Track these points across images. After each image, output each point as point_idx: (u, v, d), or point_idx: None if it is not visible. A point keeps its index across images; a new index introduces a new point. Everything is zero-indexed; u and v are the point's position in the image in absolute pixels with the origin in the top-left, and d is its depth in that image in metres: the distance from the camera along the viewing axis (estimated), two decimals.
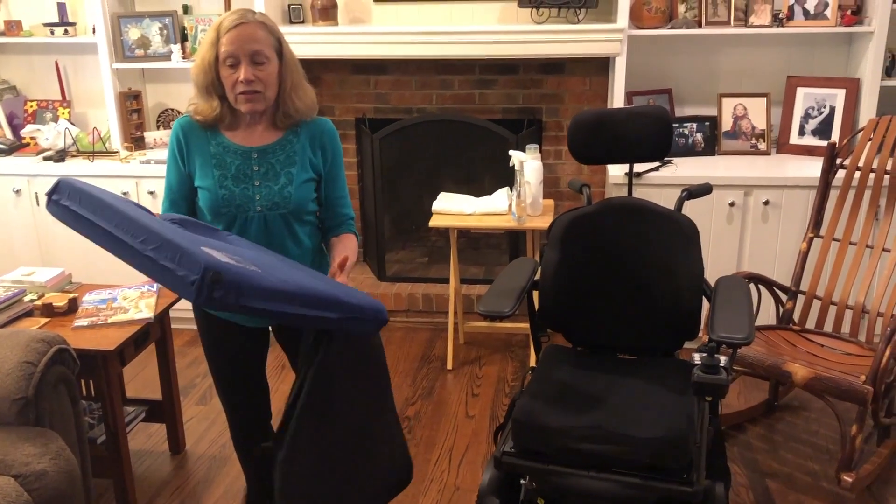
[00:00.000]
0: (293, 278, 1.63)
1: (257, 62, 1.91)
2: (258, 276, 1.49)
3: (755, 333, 2.19)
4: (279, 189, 2.01)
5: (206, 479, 2.79)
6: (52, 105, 4.16)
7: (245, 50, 1.89)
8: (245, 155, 2.00)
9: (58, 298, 2.65)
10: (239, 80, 1.90)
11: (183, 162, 2.03)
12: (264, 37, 1.92)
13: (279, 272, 1.63)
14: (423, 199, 3.95)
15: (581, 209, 2.36)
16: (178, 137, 2.03)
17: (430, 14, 3.85)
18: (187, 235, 1.58)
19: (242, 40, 1.89)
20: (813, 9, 3.51)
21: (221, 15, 1.97)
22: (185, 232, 1.65)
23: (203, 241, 1.62)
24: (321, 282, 1.74)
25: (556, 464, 1.95)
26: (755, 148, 3.73)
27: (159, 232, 1.47)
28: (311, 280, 1.69)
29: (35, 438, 2.03)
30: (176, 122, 2.05)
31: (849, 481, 2.52)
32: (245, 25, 1.90)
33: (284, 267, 1.75)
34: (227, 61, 1.90)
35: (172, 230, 1.54)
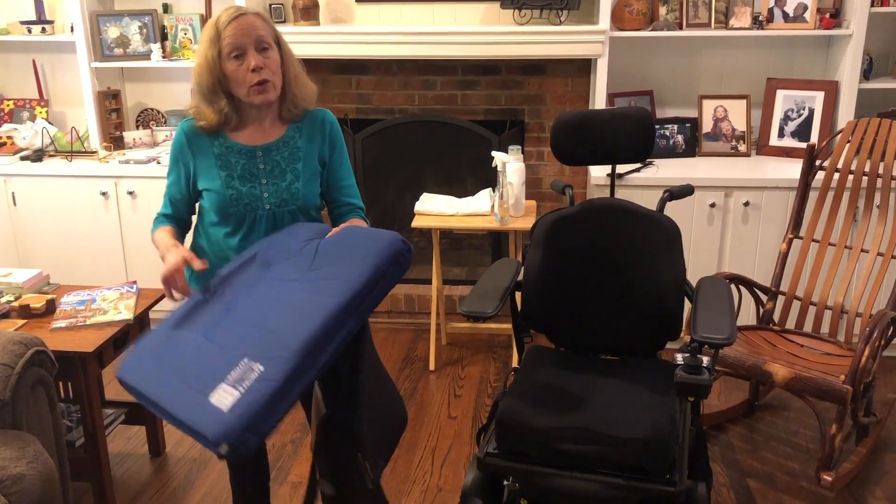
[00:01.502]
0: (300, 321, 1.65)
1: (262, 48, 1.92)
2: (263, 391, 1.54)
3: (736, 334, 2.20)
4: (286, 186, 2.01)
5: (187, 482, 2.76)
6: (30, 104, 4.11)
7: (250, 38, 1.91)
8: (250, 154, 2.00)
9: (35, 300, 2.62)
10: (249, 68, 1.90)
11: (185, 164, 2.03)
12: (263, 26, 1.94)
13: (288, 326, 1.65)
14: (406, 200, 3.94)
15: (564, 210, 2.36)
16: (181, 140, 2.02)
17: (412, 14, 3.84)
18: (194, 385, 1.63)
19: (245, 28, 1.90)
20: (792, 12, 3.54)
21: (217, 15, 1.95)
22: (191, 381, 1.66)
23: (212, 370, 1.64)
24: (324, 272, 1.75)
25: (539, 464, 1.96)
26: (735, 149, 3.76)
27: (171, 414, 1.62)
28: (315, 299, 1.69)
29: (12, 442, 2.00)
30: (180, 125, 2.04)
31: (829, 480, 2.55)
32: (244, 16, 1.92)
33: (287, 307, 1.73)
34: (233, 53, 1.90)
35: (183, 394, 1.63)
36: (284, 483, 2.74)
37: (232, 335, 1.72)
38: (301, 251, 1.86)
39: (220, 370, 1.63)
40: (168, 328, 1.84)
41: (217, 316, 1.81)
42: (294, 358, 1.59)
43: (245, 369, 1.60)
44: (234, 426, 1.51)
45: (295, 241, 1.91)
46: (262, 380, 1.56)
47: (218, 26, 1.91)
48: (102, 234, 3.77)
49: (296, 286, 1.76)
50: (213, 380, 1.62)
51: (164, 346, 1.79)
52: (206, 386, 1.61)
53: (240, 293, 1.84)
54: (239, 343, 1.68)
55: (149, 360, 1.79)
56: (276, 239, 1.96)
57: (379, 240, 1.78)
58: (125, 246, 3.77)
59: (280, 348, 1.61)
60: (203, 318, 1.83)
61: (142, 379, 1.75)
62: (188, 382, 1.65)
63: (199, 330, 1.78)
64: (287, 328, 1.65)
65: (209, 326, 1.78)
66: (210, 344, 1.72)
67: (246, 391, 1.56)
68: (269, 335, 1.66)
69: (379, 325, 3.95)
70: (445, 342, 3.80)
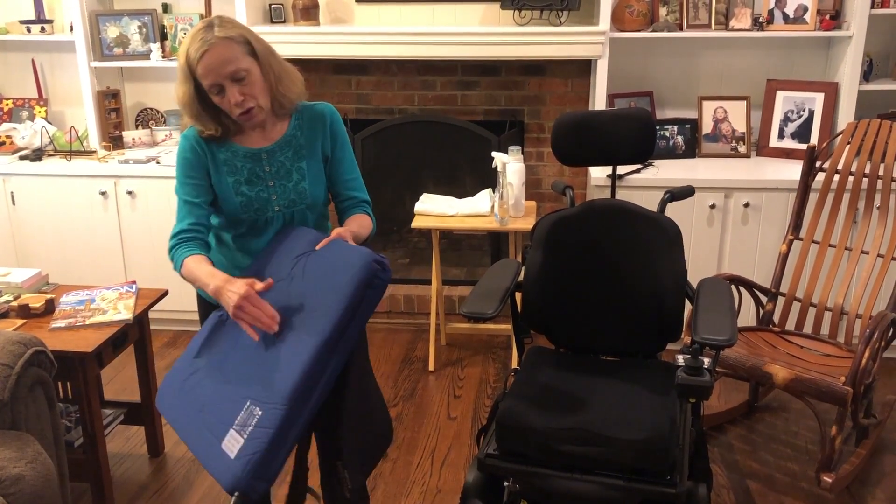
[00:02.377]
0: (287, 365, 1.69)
1: (239, 79, 1.86)
2: (262, 440, 1.62)
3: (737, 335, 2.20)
4: (293, 185, 2.00)
5: (185, 482, 2.76)
6: (29, 103, 4.10)
7: (222, 75, 1.84)
8: (255, 157, 1.99)
9: (34, 299, 2.61)
10: (232, 103, 1.87)
11: (202, 166, 1.98)
12: (234, 51, 1.85)
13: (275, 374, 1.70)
14: (405, 200, 3.94)
15: (565, 211, 2.36)
16: (191, 145, 1.97)
17: (412, 15, 3.84)
18: (211, 430, 1.73)
19: (215, 66, 1.83)
20: (792, 13, 3.54)
21: (186, 44, 1.86)
22: (209, 424, 1.74)
23: (224, 413, 1.72)
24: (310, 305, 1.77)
25: (539, 465, 1.95)
26: (735, 150, 3.76)
27: (200, 458, 1.73)
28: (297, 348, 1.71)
29: (11, 442, 2.00)
30: (184, 133, 1.99)
31: (828, 482, 2.55)
32: (211, 50, 1.82)
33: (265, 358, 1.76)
34: (212, 90, 1.87)
35: (204, 439, 1.73)
36: (283, 483, 2.73)
37: (238, 372, 1.78)
38: (291, 272, 1.86)
39: (229, 414, 1.71)
40: (190, 357, 1.90)
41: (226, 346, 1.86)
42: (284, 405, 1.64)
43: (248, 414, 1.68)
44: (241, 476, 1.61)
45: (288, 258, 1.90)
46: (261, 427, 1.64)
47: (189, 61, 1.84)
48: (102, 233, 3.76)
49: (290, 317, 1.77)
50: (223, 425, 1.70)
51: (188, 381, 1.86)
52: (218, 431, 1.71)
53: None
54: (244, 383, 1.74)
55: (176, 393, 1.87)
56: (274, 251, 1.96)
57: (352, 264, 1.73)
58: (124, 246, 3.76)
59: (273, 393, 1.67)
60: (218, 345, 1.88)
61: (173, 413, 1.86)
62: (207, 425, 1.74)
63: (215, 363, 1.85)
64: (277, 372, 1.70)
65: (222, 358, 1.84)
66: (224, 383, 1.78)
67: (248, 437, 1.64)
68: (266, 376, 1.71)
69: (378, 325, 3.95)
70: (445, 343, 3.80)
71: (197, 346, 1.91)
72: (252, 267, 1.99)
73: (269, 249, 1.99)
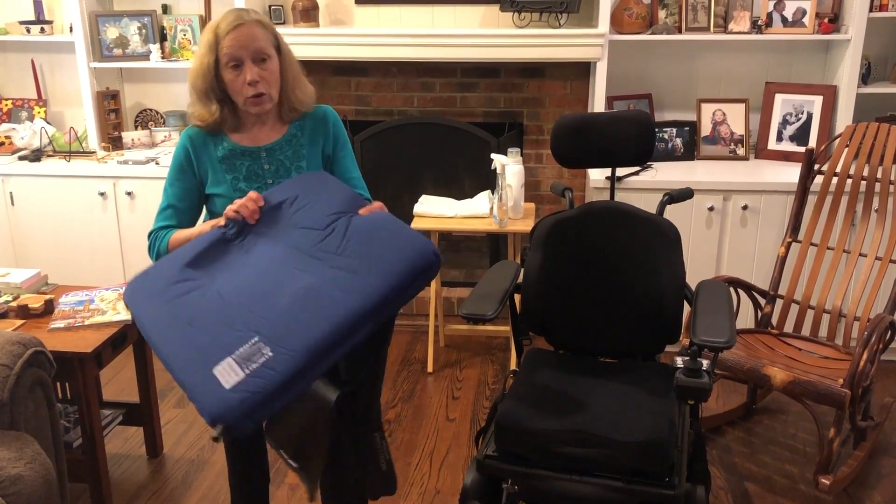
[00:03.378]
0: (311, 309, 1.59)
1: (261, 59, 1.90)
2: (268, 381, 1.49)
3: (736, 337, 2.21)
4: None
5: (184, 482, 2.76)
6: (28, 104, 4.10)
7: (248, 50, 1.88)
8: (254, 155, 2.00)
9: (33, 300, 2.61)
10: (245, 81, 1.89)
11: (194, 171, 2.01)
12: (263, 35, 1.91)
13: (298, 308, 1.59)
14: (404, 202, 3.94)
15: (564, 213, 2.36)
16: (186, 147, 2.00)
17: (411, 17, 3.85)
18: (199, 348, 1.58)
19: (244, 40, 1.88)
20: (791, 16, 3.55)
21: (218, 20, 1.92)
22: (197, 342, 1.61)
23: (221, 337, 1.59)
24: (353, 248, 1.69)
25: (538, 467, 1.96)
26: (734, 153, 3.76)
27: (173, 370, 1.58)
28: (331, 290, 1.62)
29: (10, 442, 2.00)
30: (183, 132, 2.02)
31: (826, 484, 2.55)
32: (244, 26, 1.88)
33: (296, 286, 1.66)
34: (230, 63, 1.89)
35: (185, 354, 1.59)
36: (282, 485, 2.73)
37: (246, 301, 1.65)
38: (330, 227, 1.76)
39: (228, 341, 1.58)
40: (181, 263, 1.76)
41: (234, 267, 1.75)
42: (304, 356, 1.53)
43: (254, 350, 1.55)
44: (235, 409, 1.47)
45: (325, 207, 1.81)
46: (269, 368, 1.51)
47: (217, 33, 1.89)
48: (101, 234, 3.76)
49: (319, 268, 1.68)
50: (218, 349, 1.57)
51: (175, 288, 1.72)
52: (210, 354, 1.57)
53: (260, 244, 1.77)
54: (251, 315, 1.61)
55: (155, 294, 1.72)
56: (307, 189, 1.85)
57: (413, 248, 1.68)
58: (123, 246, 3.77)
59: (292, 340, 1.55)
60: (222, 265, 1.76)
61: (144, 311, 1.71)
62: (193, 341, 1.60)
63: (215, 283, 1.71)
64: (302, 320, 1.58)
65: (226, 281, 1.71)
66: (224, 306, 1.65)
67: (251, 374, 1.51)
68: (283, 319, 1.59)
69: None
70: (443, 344, 3.80)
71: (190, 255, 1.79)
72: (284, 192, 1.87)
73: (301, 183, 1.88)
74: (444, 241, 4.33)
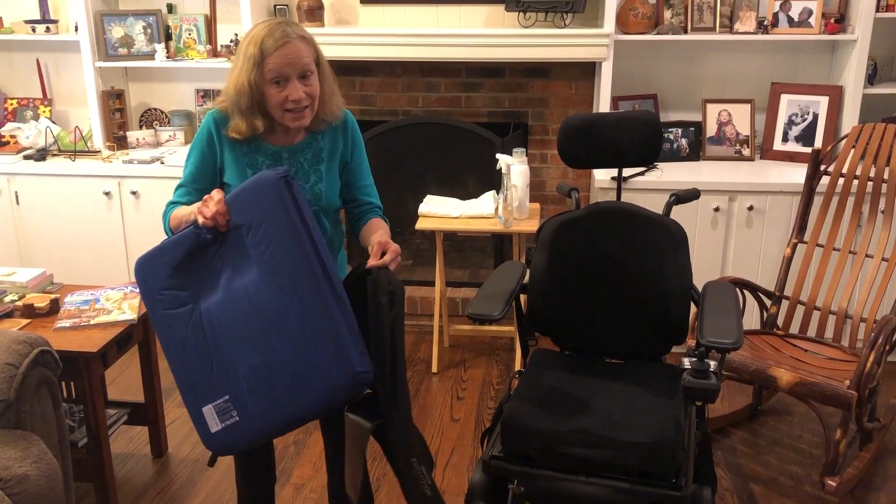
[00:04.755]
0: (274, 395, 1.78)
1: (304, 77, 1.89)
2: (239, 438, 1.80)
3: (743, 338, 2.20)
4: (310, 187, 2.00)
5: (189, 482, 2.76)
6: (33, 103, 4.11)
7: (294, 68, 1.86)
8: (276, 155, 1.99)
9: (39, 299, 2.61)
10: (290, 98, 1.87)
11: (214, 154, 1.99)
12: (307, 51, 1.89)
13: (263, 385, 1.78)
14: (409, 202, 3.94)
15: (570, 213, 2.36)
16: (210, 128, 1.97)
17: (416, 16, 3.84)
18: (191, 381, 1.83)
19: (291, 58, 1.85)
20: (797, 17, 3.54)
21: (255, 29, 1.88)
22: (189, 373, 1.83)
23: (203, 382, 1.82)
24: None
25: (544, 468, 1.95)
26: (739, 153, 3.76)
27: (175, 376, 1.85)
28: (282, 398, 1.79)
29: (16, 442, 2.00)
30: (209, 114, 1.99)
31: (833, 485, 2.54)
32: (291, 43, 1.85)
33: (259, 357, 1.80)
34: (275, 80, 1.86)
35: (182, 378, 1.84)
36: (287, 485, 2.73)
37: (222, 344, 1.80)
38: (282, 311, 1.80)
39: (209, 388, 1.80)
40: (171, 266, 1.84)
41: (213, 291, 1.83)
42: (261, 435, 1.82)
43: (226, 408, 1.79)
44: (219, 450, 1.83)
45: (276, 279, 1.82)
46: (239, 430, 1.78)
47: (263, 49, 1.85)
48: (106, 233, 3.76)
49: (271, 343, 1.79)
50: (204, 392, 1.81)
51: (166, 296, 1.85)
52: (199, 392, 1.81)
53: (228, 268, 1.82)
54: (223, 367, 1.80)
55: (154, 291, 1.86)
56: (264, 220, 1.80)
57: (331, 385, 1.76)
58: (128, 246, 3.77)
59: (250, 419, 1.78)
60: (201, 279, 1.84)
61: (149, 300, 1.87)
62: (186, 371, 1.83)
63: (197, 300, 1.83)
64: (259, 404, 1.78)
65: (206, 308, 1.82)
66: (204, 341, 1.81)
67: (224, 429, 1.79)
68: (246, 392, 1.78)
69: None
70: (448, 344, 3.80)
71: (177, 257, 1.84)
72: (234, 207, 1.84)
73: (253, 210, 1.81)
74: (448, 242, 4.33)
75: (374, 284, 1.84)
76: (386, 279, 1.86)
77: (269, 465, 2.27)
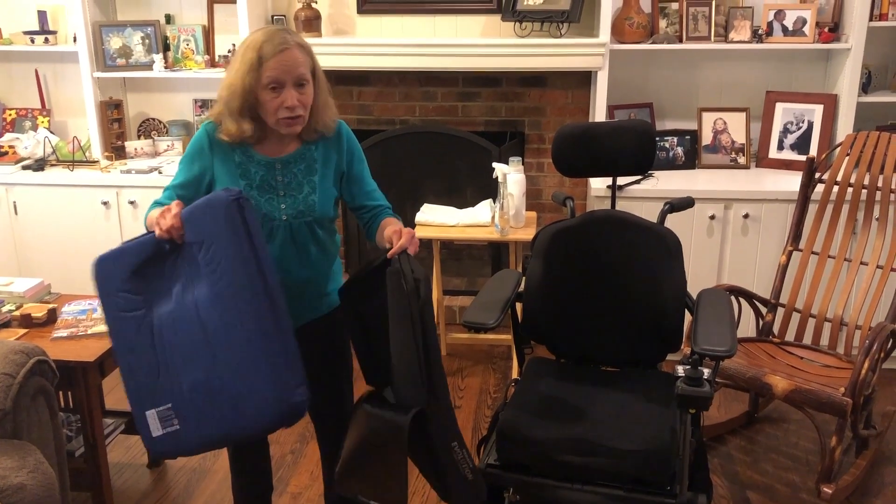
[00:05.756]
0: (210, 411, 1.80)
1: (300, 85, 1.90)
2: (179, 446, 1.84)
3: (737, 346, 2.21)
4: (304, 198, 2.01)
5: (186, 492, 2.76)
6: (32, 113, 4.12)
7: (291, 75, 1.88)
8: (269, 166, 2.00)
9: (36, 309, 2.62)
10: (284, 104, 1.89)
11: (206, 163, 1.99)
12: (304, 59, 1.92)
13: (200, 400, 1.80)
14: (406, 211, 3.95)
15: (565, 221, 2.37)
16: (203, 140, 1.99)
17: (413, 26, 3.86)
18: (137, 384, 1.84)
19: (289, 65, 1.88)
20: (791, 25, 3.56)
21: (254, 35, 1.91)
22: (136, 375, 1.85)
23: (148, 386, 1.84)
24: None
25: (539, 476, 1.96)
26: (735, 162, 3.77)
27: (123, 377, 1.86)
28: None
29: (13, 451, 2.00)
30: (203, 124, 2.01)
31: (829, 492, 2.55)
32: (290, 50, 1.88)
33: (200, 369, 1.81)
34: (271, 85, 1.88)
35: (129, 379, 1.85)
36: (284, 493, 2.73)
37: (168, 352, 1.82)
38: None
39: (153, 392, 1.83)
40: (129, 269, 1.85)
41: (164, 301, 1.84)
42: (200, 446, 1.85)
43: (168, 415, 1.81)
44: (161, 453, 1.88)
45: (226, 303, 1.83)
46: (179, 440, 1.81)
47: (262, 54, 1.87)
48: (104, 243, 3.73)
49: (214, 356, 1.80)
50: (148, 396, 1.83)
51: (120, 298, 1.85)
52: (143, 396, 1.84)
53: (182, 280, 1.83)
54: (168, 374, 1.81)
55: (111, 293, 1.86)
56: (217, 241, 1.80)
57: (269, 405, 1.78)
58: None
59: (189, 429, 1.81)
60: (156, 288, 1.85)
61: (104, 299, 1.87)
62: (134, 373, 1.84)
63: (150, 307, 1.84)
64: (200, 416, 1.80)
65: (157, 314, 1.83)
66: (152, 346, 1.83)
67: (165, 434, 1.81)
68: (186, 402, 1.80)
69: None
70: (445, 353, 3.80)
71: (135, 262, 1.85)
72: (190, 222, 1.84)
73: (206, 228, 1.81)
74: (445, 250, 4.33)
75: (396, 274, 1.81)
76: (409, 266, 1.83)
77: (266, 474, 2.28)
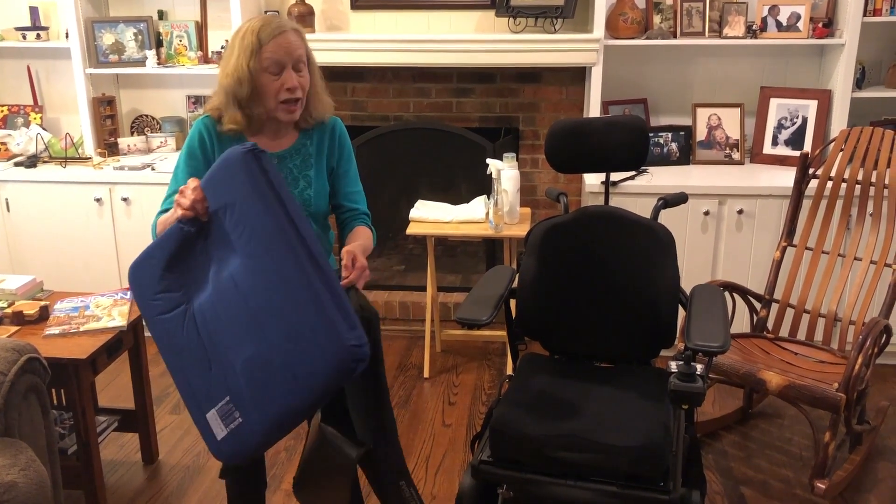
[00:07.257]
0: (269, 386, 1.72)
1: (298, 69, 1.93)
2: (246, 440, 1.73)
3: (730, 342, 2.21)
4: (299, 193, 2.02)
5: (180, 489, 2.75)
6: (24, 110, 4.10)
7: (291, 57, 1.91)
8: None
9: (28, 306, 2.61)
10: (284, 86, 1.91)
11: (205, 159, 1.99)
12: (300, 43, 1.95)
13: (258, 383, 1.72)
14: (400, 207, 3.95)
15: (558, 217, 2.37)
16: (201, 134, 1.99)
17: (407, 22, 3.85)
18: (193, 388, 1.79)
19: (288, 47, 1.91)
20: (785, 21, 3.56)
21: (249, 22, 1.94)
22: (190, 378, 1.80)
23: (204, 387, 1.78)
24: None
25: (533, 472, 1.95)
26: (729, 157, 3.77)
27: (178, 386, 1.82)
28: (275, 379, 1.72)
29: (4, 449, 1.99)
30: (199, 120, 2.01)
31: (822, 488, 2.55)
32: (287, 33, 1.91)
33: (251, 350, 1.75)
34: (271, 68, 1.90)
35: (183, 385, 1.81)
36: (278, 490, 2.73)
37: (217, 341, 1.76)
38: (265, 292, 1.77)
39: (209, 391, 1.76)
40: (160, 267, 1.83)
41: (203, 288, 1.80)
42: (267, 429, 1.73)
43: (228, 409, 1.75)
44: (229, 458, 1.78)
45: (261, 262, 1.78)
46: (244, 433, 1.73)
47: (260, 38, 1.89)
48: (96, 240, 3.76)
49: (262, 330, 1.73)
50: (206, 398, 1.77)
51: (159, 301, 1.82)
52: (201, 398, 1.77)
53: (216, 258, 1.79)
54: (221, 365, 1.76)
55: (148, 298, 1.84)
56: (240, 199, 1.76)
57: (327, 353, 1.66)
58: (119, 252, 3.76)
59: (251, 415, 1.72)
60: (192, 276, 1.82)
61: (143, 306, 1.85)
62: (187, 377, 1.79)
63: (189, 300, 1.81)
64: (258, 396, 1.72)
65: (198, 306, 1.79)
66: (199, 342, 1.78)
67: (230, 433, 1.74)
68: (243, 388, 1.73)
69: None
70: (440, 349, 3.80)
71: (166, 257, 1.83)
72: (209, 191, 1.82)
73: (229, 192, 1.77)
74: (439, 247, 4.33)
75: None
76: (357, 304, 1.80)
77: (260, 471, 2.27)
